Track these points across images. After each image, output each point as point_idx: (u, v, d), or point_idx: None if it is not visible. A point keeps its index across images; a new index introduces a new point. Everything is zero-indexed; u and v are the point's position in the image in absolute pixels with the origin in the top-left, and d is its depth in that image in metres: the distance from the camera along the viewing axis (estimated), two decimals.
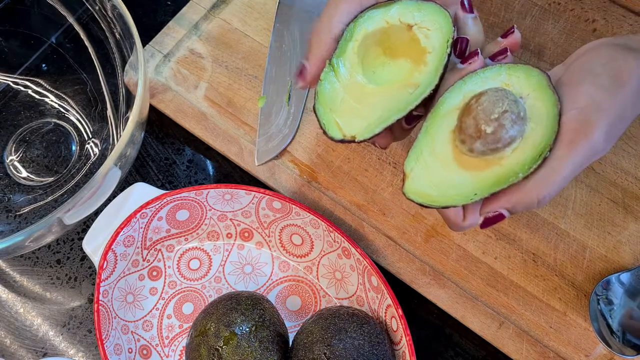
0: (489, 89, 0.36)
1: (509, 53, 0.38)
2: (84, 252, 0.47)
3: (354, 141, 0.38)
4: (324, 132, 0.38)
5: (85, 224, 0.53)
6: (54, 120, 0.57)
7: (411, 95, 0.38)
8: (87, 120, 0.56)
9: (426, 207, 0.37)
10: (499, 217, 0.36)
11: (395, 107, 0.38)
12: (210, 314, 0.44)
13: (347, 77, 0.39)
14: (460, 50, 0.39)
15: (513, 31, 0.38)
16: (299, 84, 0.40)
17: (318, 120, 0.39)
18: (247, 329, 0.43)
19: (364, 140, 0.38)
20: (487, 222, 0.37)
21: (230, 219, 0.50)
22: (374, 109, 0.38)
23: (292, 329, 0.48)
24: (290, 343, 0.45)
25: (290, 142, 0.53)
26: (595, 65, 0.36)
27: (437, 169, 0.37)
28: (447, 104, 0.37)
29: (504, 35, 0.39)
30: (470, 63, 0.38)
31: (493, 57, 0.38)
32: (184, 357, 0.47)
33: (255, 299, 0.45)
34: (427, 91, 0.38)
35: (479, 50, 0.38)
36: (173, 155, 0.56)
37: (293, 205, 0.47)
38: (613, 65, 0.36)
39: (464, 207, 0.38)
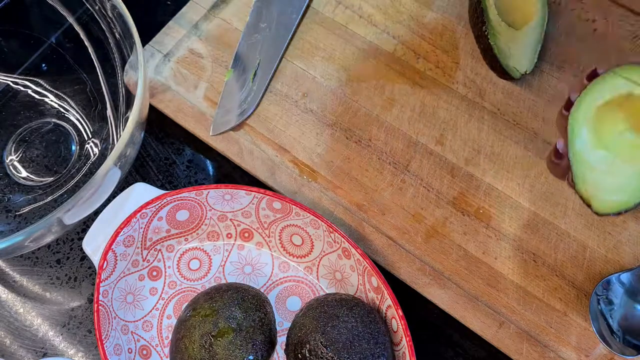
0: None
1: None
2: (84, 252, 0.47)
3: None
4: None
5: (85, 224, 0.53)
6: (53, 120, 0.57)
7: None
8: (86, 120, 0.56)
9: (627, 212, 0.38)
10: None
11: None
12: (214, 300, 0.44)
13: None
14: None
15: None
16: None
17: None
18: (245, 329, 0.43)
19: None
20: None
21: (230, 219, 0.50)
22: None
23: None
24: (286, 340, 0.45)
25: (246, 118, 0.54)
26: None
27: (608, 178, 0.38)
28: (577, 128, 0.39)
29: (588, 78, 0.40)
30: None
31: None
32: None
33: (260, 301, 0.45)
34: None
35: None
36: (173, 155, 0.56)
37: (293, 206, 0.47)
38: None
39: None
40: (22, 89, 0.57)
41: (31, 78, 0.58)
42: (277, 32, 0.57)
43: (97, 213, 0.48)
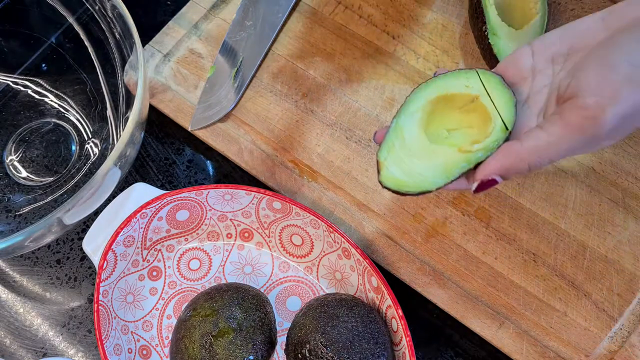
0: None
1: None
2: (84, 252, 0.47)
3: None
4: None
5: (85, 224, 0.53)
6: (53, 120, 0.57)
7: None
8: (87, 120, 0.56)
9: (402, 194, 0.39)
10: (492, 182, 0.38)
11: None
12: (214, 300, 0.44)
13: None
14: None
15: None
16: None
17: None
18: (245, 329, 0.43)
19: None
20: (481, 187, 0.39)
21: (230, 219, 0.50)
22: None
23: None
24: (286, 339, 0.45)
25: (224, 116, 0.54)
26: (625, 58, 0.35)
27: (408, 159, 0.40)
28: (413, 104, 0.41)
29: None
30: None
31: None
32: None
33: (260, 300, 0.45)
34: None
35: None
36: (173, 155, 0.56)
37: (293, 206, 0.47)
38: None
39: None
40: (22, 89, 0.57)
41: (31, 78, 0.58)
42: (262, 31, 0.57)
43: (97, 213, 0.48)
